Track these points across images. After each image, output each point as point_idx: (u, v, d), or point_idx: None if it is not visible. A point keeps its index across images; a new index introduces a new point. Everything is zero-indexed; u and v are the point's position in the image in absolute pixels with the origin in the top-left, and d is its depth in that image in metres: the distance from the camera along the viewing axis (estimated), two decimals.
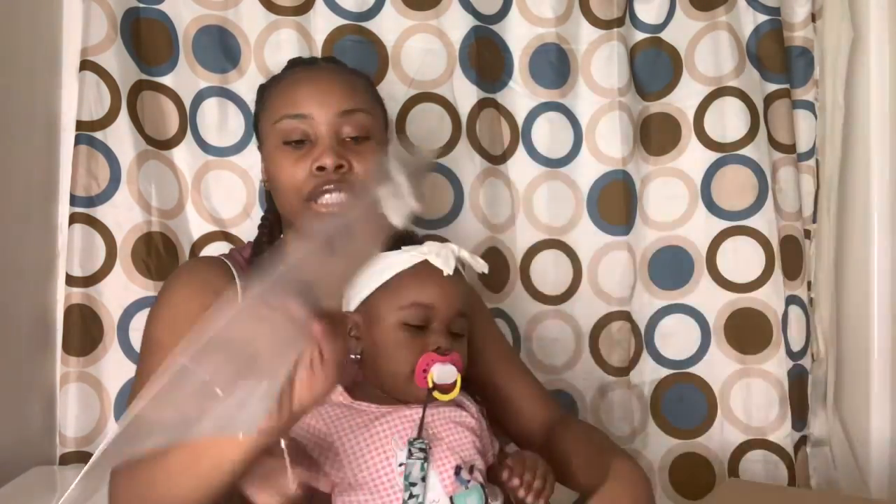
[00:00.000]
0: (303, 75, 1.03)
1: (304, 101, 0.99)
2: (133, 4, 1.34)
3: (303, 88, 1.01)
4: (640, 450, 1.49)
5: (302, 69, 1.05)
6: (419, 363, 0.87)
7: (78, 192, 1.29)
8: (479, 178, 1.44)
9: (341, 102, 0.99)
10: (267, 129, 1.02)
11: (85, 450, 1.28)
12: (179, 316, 0.95)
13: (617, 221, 1.48)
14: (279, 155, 1.00)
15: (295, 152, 0.99)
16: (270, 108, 1.02)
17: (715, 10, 1.49)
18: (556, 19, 1.46)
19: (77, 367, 1.27)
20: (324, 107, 0.99)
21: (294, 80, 1.02)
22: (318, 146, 0.98)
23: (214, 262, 1.04)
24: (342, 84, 1.02)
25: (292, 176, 0.98)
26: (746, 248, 1.48)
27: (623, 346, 1.48)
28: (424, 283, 0.90)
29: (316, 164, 0.97)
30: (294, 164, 0.98)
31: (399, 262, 0.91)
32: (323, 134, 0.98)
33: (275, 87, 1.04)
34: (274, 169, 1.01)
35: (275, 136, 1.00)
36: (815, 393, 1.53)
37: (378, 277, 0.92)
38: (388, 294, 0.91)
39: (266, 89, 1.07)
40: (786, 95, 1.51)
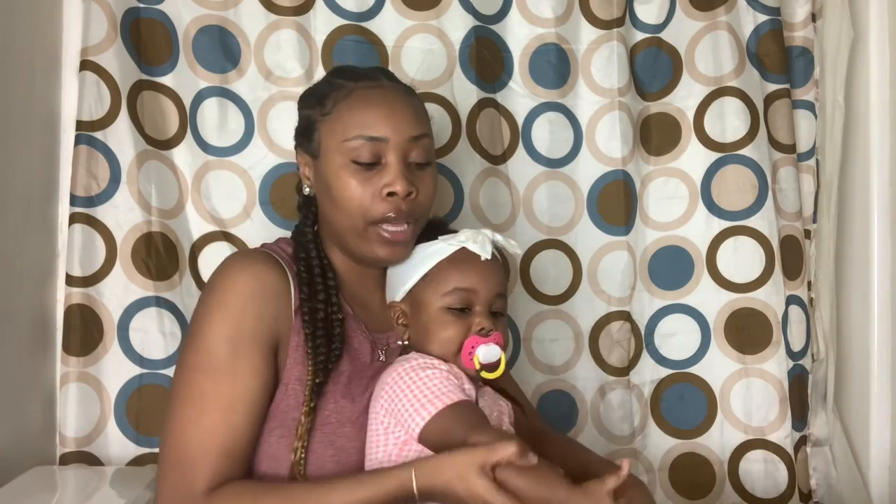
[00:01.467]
0: (375, 94, 1.00)
1: (380, 123, 0.98)
2: (133, 4, 1.34)
3: (377, 109, 0.99)
4: (640, 450, 1.49)
5: (370, 85, 1.01)
6: (465, 346, 0.95)
7: (78, 192, 1.29)
8: (479, 178, 1.44)
9: (413, 127, 1.00)
10: (332, 142, 0.99)
11: (85, 450, 1.28)
12: (242, 331, 0.92)
13: (617, 221, 1.48)
14: (346, 173, 0.98)
15: (364, 173, 0.98)
16: (338, 122, 0.99)
17: (715, 10, 1.49)
18: (555, 19, 1.46)
19: (77, 367, 1.27)
20: (398, 131, 0.98)
21: (366, 98, 1.00)
22: (389, 170, 0.97)
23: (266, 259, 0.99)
24: (414, 108, 1.02)
25: (361, 197, 0.97)
26: (746, 248, 1.48)
27: (623, 346, 1.48)
28: (464, 269, 0.98)
29: (388, 190, 0.97)
30: (362, 185, 0.97)
31: (439, 251, 0.99)
32: (394, 158, 0.98)
33: (343, 99, 1.00)
34: (339, 185, 0.98)
35: (343, 153, 0.98)
36: (815, 393, 1.53)
37: (421, 267, 0.99)
38: (431, 282, 0.98)
39: (327, 99, 1.01)
40: (786, 95, 1.51)
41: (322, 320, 0.97)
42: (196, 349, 0.93)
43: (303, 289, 0.98)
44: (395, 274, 1.03)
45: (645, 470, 1.49)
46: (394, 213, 0.97)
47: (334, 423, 0.96)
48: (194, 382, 0.91)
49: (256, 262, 0.98)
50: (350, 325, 1.02)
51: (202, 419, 0.90)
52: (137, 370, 1.30)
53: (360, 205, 0.97)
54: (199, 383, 0.91)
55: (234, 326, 0.92)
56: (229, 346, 0.91)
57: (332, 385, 0.97)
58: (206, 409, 0.90)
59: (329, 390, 0.96)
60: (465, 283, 0.97)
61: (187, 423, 0.90)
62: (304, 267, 1.00)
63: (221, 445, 0.89)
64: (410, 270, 1.00)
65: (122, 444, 1.29)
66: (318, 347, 0.95)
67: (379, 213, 0.97)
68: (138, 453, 1.29)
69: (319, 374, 0.94)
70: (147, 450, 1.29)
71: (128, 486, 1.14)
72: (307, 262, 1.00)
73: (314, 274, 1.00)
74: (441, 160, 1.43)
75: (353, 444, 0.96)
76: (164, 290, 1.31)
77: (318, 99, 1.02)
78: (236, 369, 0.91)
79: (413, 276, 1.00)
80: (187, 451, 0.89)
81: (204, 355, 0.92)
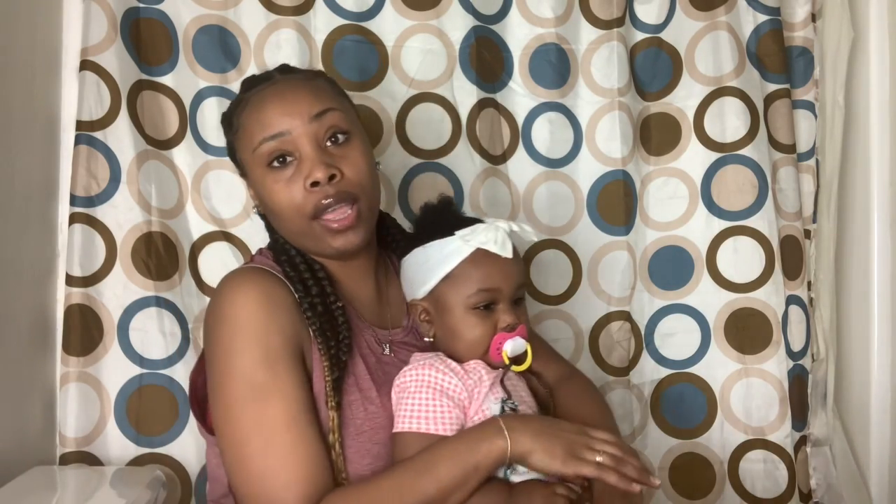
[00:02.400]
0: (266, 92, 0.99)
1: (276, 118, 0.95)
2: (133, 4, 1.34)
3: (270, 106, 0.97)
4: (640, 450, 1.49)
5: (262, 87, 1.00)
6: (492, 344, 0.96)
7: (78, 192, 1.29)
8: (479, 178, 1.44)
9: (310, 107, 0.96)
10: (247, 157, 0.98)
11: (85, 450, 1.28)
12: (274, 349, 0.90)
13: (617, 221, 1.48)
14: (268, 180, 0.96)
15: (283, 172, 0.95)
16: (244, 135, 0.98)
17: (715, 10, 1.49)
18: (555, 19, 1.46)
19: (77, 367, 1.27)
20: (295, 117, 0.95)
21: (260, 100, 0.98)
22: (305, 161, 0.95)
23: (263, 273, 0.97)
24: (305, 89, 0.98)
25: (290, 198, 0.95)
26: (746, 248, 1.48)
27: (623, 346, 1.48)
28: (486, 269, 0.97)
29: (309, 181, 0.94)
30: (287, 186, 0.95)
31: (457, 250, 0.97)
32: (305, 146, 0.95)
33: (241, 113, 0.99)
34: (267, 194, 0.97)
35: (258, 163, 0.97)
36: (815, 393, 1.53)
37: (441, 268, 0.97)
38: (454, 283, 0.97)
39: (231, 118, 1.02)
40: (786, 95, 1.51)
41: (323, 314, 0.95)
42: (235, 381, 0.90)
43: (297, 287, 0.96)
44: (413, 271, 1.01)
45: None
46: (324, 199, 0.94)
47: (368, 430, 0.94)
48: (246, 415, 0.88)
49: (259, 278, 0.96)
50: (353, 321, 1.01)
51: (273, 445, 0.87)
52: (137, 370, 1.30)
53: (291, 205, 0.95)
54: (252, 414, 0.88)
55: (263, 347, 0.90)
56: (266, 368, 0.89)
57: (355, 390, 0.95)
58: (273, 435, 0.87)
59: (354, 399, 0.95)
60: (489, 283, 0.96)
61: (264, 453, 0.87)
62: (289, 266, 0.98)
63: (303, 462, 0.87)
64: (431, 270, 0.98)
65: (122, 444, 1.29)
66: (328, 341, 0.93)
67: (311, 206, 0.94)
68: (138, 453, 1.29)
69: (334, 368, 0.93)
70: (147, 450, 1.29)
71: (128, 486, 1.14)
72: (290, 262, 0.99)
73: (300, 270, 0.98)
74: (441, 160, 1.43)
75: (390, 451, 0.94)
76: (164, 290, 1.31)
77: (227, 120, 1.03)
78: (281, 387, 0.89)
79: (434, 276, 0.98)
80: (271, 482, 0.86)
81: (244, 385, 0.89)
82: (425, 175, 1.43)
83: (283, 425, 0.88)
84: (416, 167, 1.43)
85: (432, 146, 1.43)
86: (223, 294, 0.95)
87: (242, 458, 0.88)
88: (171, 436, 1.29)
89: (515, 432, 0.86)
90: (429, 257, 0.99)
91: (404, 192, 1.43)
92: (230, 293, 0.94)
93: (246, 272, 0.98)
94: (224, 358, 0.91)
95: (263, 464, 0.87)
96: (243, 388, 0.89)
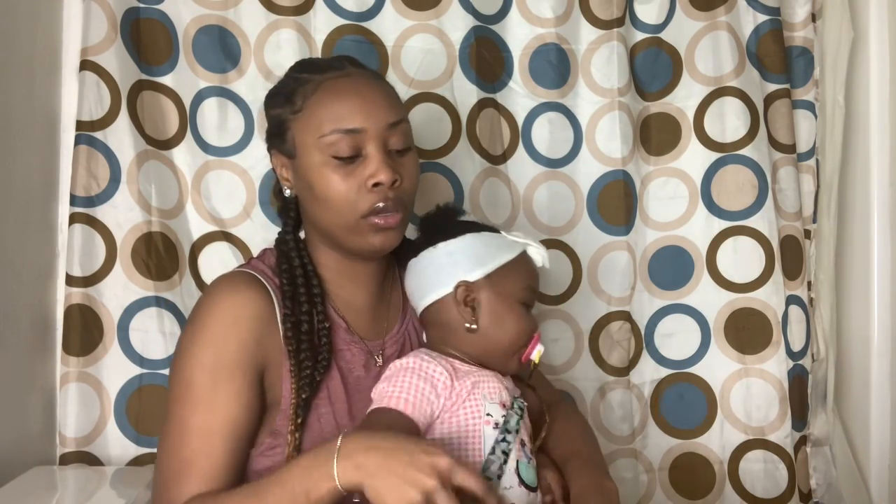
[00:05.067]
0: (344, 84, 0.97)
1: (355, 114, 0.95)
2: (133, 4, 1.34)
3: (350, 100, 0.95)
4: (640, 450, 1.49)
5: (337, 76, 0.98)
6: (532, 341, 0.98)
7: (78, 192, 1.29)
8: (479, 178, 1.44)
9: (389, 114, 0.97)
10: (307, 140, 0.96)
11: (85, 450, 1.28)
12: (224, 359, 0.91)
13: (617, 221, 1.48)
14: (328, 170, 0.95)
15: (346, 167, 0.94)
16: (311, 118, 0.96)
17: (715, 10, 1.49)
18: (555, 19, 1.46)
19: (77, 367, 1.27)
20: (374, 120, 0.95)
21: (337, 90, 0.96)
22: (371, 161, 0.94)
23: (249, 282, 0.97)
24: (386, 93, 0.99)
25: (346, 192, 0.94)
26: (746, 248, 1.48)
27: (623, 346, 1.48)
28: (533, 270, 1.01)
29: (373, 181, 0.94)
30: (346, 179, 0.94)
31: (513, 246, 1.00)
32: (374, 148, 0.95)
33: (312, 94, 0.97)
34: (322, 183, 0.95)
35: (321, 150, 0.95)
36: (815, 393, 1.53)
37: (504, 254, 0.98)
38: (513, 271, 0.98)
39: (295, 95, 0.98)
40: (786, 95, 1.51)
41: (307, 332, 0.95)
42: (178, 379, 0.93)
43: (286, 303, 0.96)
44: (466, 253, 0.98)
45: (645, 470, 1.49)
46: (382, 202, 0.94)
47: None
48: (175, 413, 0.91)
49: (238, 288, 0.96)
50: (341, 336, 1.00)
51: (182, 449, 0.89)
52: (137, 370, 1.30)
53: (347, 200, 0.94)
54: (179, 413, 0.91)
55: (214, 354, 0.91)
56: (209, 375, 0.90)
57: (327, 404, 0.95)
58: (184, 440, 0.90)
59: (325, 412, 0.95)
60: (534, 282, 1.00)
61: (169, 452, 0.90)
62: (287, 279, 0.98)
63: (200, 474, 0.88)
64: (492, 254, 0.98)
65: (122, 444, 1.29)
66: (302, 362, 0.93)
67: (367, 205, 0.94)
68: (138, 453, 1.29)
69: (305, 388, 0.93)
70: (147, 450, 1.29)
71: (128, 486, 1.14)
72: (290, 273, 0.98)
73: (297, 285, 0.97)
74: (441, 160, 1.43)
75: None
76: (164, 290, 1.31)
77: (287, 97, 0.99)
78: (216, 398, 0.90)
79: (497, 259, 0.97)
80: (168, 479, 0.89)
81: (184, 385, 0.92)
82: (425, 175, 1.43)
83: (200, 434, 0.89)
84: None
85: (432, 146, 1.43)
86: (202, 296, 0.98)
87: (161, 449, 0.92)
88: None
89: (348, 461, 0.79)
90: (488, 242, 0.99)
91: None
92: (206, 297, 0.97)
93: (230, 279, 0.99)
94: (179, 355, 0.94)
95: (170, 462, 0.90)
96: (183, 387, 0.92)
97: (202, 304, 0.96)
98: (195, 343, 0.93)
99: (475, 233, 0.99)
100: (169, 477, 0.89)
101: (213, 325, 0.93)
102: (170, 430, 0.92)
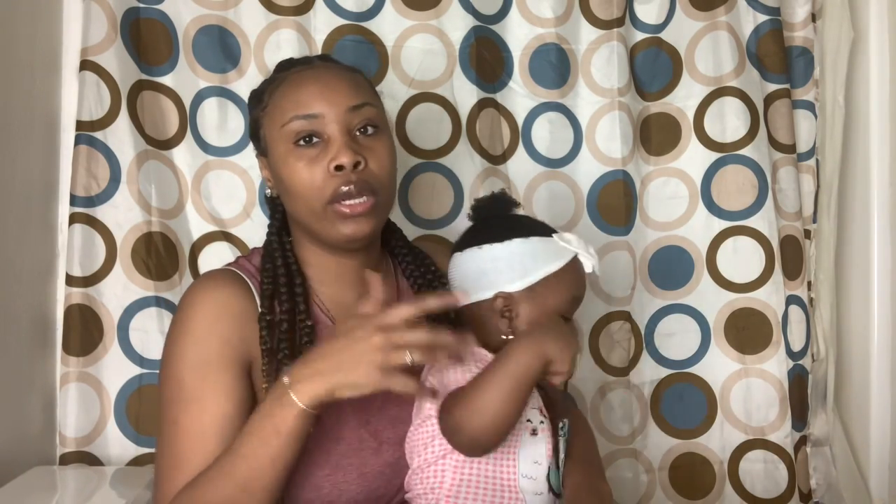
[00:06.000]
0: (306, 74, 0.99)
1: (313, 100, 0.95)
2: (133, 4, 1.34)
3: (308, 87, 0.96)
4: (640, 450, 1.49)
5: (301, 69, 1.01)
6: None
7: (78, 192, 1.29)
8: (479, 178, 1.44)
9: (349, 98, 0.96)
10: (273, 133, 0.97)
11: (85, 450, 1.28)
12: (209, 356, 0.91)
13: (617, 221, 1.48)
14: (292, 158, 0.95)
15: (308, 153, 0.94)
16: (275, 111, 0.97)
17: (715, 10, 1.49)
18: (555, 19, 1.46)
19: (77, 367, 1.27)
20: (333, 104, 0.95)
21: (298, 81, 0.98)
22: (332, 145, 0.94)
23: (232, 280, 0.98)
24: (347, 80, 0.98)
25: (310, 178, 0.93)
26: (746, 248, 1.48)
27: (623, 346, 1.48)
28: (581, 279, 0.96)
29: (333, 164, 0.92)
30: (309, 166, 0.94)
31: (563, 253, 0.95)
32: (335, 132, 0.94)
33: (276, 89, 0.99)
34: (288, 172, 0.95)
35: (284, 139, 0.95)
36: (815, 393, 1.53)
37: (551, 264, 0.94)
38: (558, 283, 0.94)
39: (264, 94, 1.01)
40: (786, 95, 1.51)
41: (286, 331, 0.94)
42: (166, 379, 0.93)
43: (264, 302, 0.95)
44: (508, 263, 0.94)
45: (645, 470, 1.49)
46: (345, 186, 0.92)
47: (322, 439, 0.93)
48: (167, 413, 0.92)
49: (219, 285, 0.96)
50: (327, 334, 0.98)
51: (176, 449, 0.90)
52: (137, 370, 1.30)
53: (311, 186, 0.93)
54: (171, 413, 0.91)
55: (200, 352, 0.91)
56: (196, 373, 0.91)
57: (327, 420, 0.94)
58: (178, 439, 0.90)
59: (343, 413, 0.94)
60: (580, 292, 0.96)
61: (164, 453, 0.91)
62: (269, 278, 0.97)
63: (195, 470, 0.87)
64: (536, 264, 0.93)
65: (122, 444, 1.29)
66: (280, 361, 0.93)
67: (331, 190, 0.93)
68: (138, 453, 1.29)
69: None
70: (147, 450, 1.29)
71: (128, 486, 1.14)
72: (273, 273, 0.98)
73: (279, 284, 0.97)
74: (441, 160, 1.43)
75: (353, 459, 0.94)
76: (164, 290, 1.31)
77: (257, 96, 1.02)
78: (205, 395, 0.90)
79: (540, 271, 0.93)
80: (165, 479, 0.89)
81: (173, 384, 0.92)
82: (425, 175, 1.43)
83: (193, 433, 0.89)
84: (416, 167, 1.43)
85: (432, 146, 1.43)
86: (184, 296, 0.97)
87: (157, 449, 0.93)
88: None
89: (301, 381, 0.82)
90: (535, 251, 0.94)
91: (404, 192, 1.43)
92: (188, 296, 0.96)
93: (212, 277, 0.99)
94: (166, 357, 0.94)
95: (165, 462, 0.91)
96: (172, 386, 0.92)
97: (184, 303, 0.96)
98: (179, 342, 0.93)
99: (524, 238, 0.95)
100: (165, 476, 0.90)
101: (195, 324, 0.93)
102: (164, 430, 0.92)
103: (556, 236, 0.96)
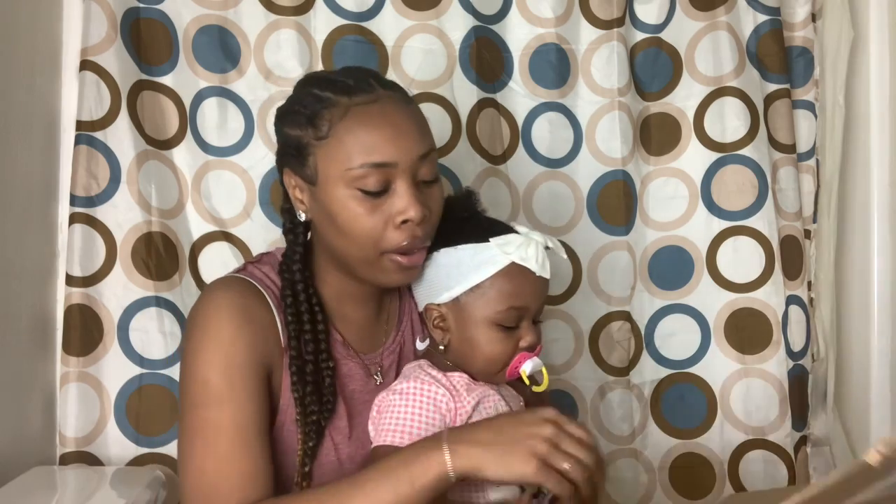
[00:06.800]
0: (374, 112, 0.89)
1: (387, 146, 0.88)
2: (133, 4, 1.34)
3: (381, 131, 0.88)
4: (641, 450, 1.49)
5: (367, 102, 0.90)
6: (512, 363, 0.92)
7: (78, 192, 1.29)
8: (479, 177, 1.44)
9: (419, 144, 0.90)
10: (332, 171, 0.89)
11: (85, 450, 1.28)
12: (237, 359, 0.89)
13: (617, 221, 1.48)
14: (354, 203, 0.89)
15: (372, 201, 0.89)
16: (338, 148, 0.89)
17: (715, 10, 1.49)
18: (555, 19, 1.46)
19: (77, 367, 1.27)
20: (405, 151, 0.89)
21: (366, 119, 0.89)
22: (401, 196, 0.88)
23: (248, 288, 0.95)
24: (415, 121, 0.92)
25: (372, 227, 0.89)
26: (746, 248, 1.48)
27: (623, 346, 1.48)
28: (520, 286, 0.91)
29: (402, 218, 0.88)
30: (372, 214, 0.89)
31: (492, 260, 0.91)
32: (404, 183, 0.89)
33: (340, 122, 0.89)
34: (346, 217, 0.89)
35: (348, 183, 0.89)
36: (815, 393, 1.53)
37: (472, 276, 0.91)
38: (483, 296, 0.91)
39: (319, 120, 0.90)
40: (786, 95, 1.51)
41: (312, 373, 0.93)
42: (193, 383, 0.90)
43: (291, 343, 0.94)
44: (437, 274, 0.94)
45: (645, 470, 1.49)
46: (409, 240, 0.89)
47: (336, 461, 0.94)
48: (199, 416, 0.89)
49: (239, 293, 0.93)
50: (338, 350, 0.99)
51: (217, 448, 0.87)
52: (137, 370, 1.30)
53: (372, 235, 0.89)
54: (204, 416, 0.88)
55: (226, 355, 0.89)
56: (224, 376, 0.89)
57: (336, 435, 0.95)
58: (218, 438, 0.87)
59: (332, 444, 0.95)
60: (520, 301, 0.91)
61: (202, 455, 0.87)
62: (293, 315, 0.94)
63: (241, 470, 0.86)
64: (460, 275, 0.92)
65: (122, 444, 1.29)
66: (307, 407, 0.92)
67: (394, 243, 0.89)
68: (138, 453, 1.29)
69: (312, 435, 0.92)
70: (147, 450, 1.29)
71: (128, 486, 1.14)
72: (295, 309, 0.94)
73: (303, 322, 0.94)
74: (441, 160, 1.43)
75: None
76: (164, 290, 1.31)
77: (309, 119, 0.90)
78: (235, 396, 0.89)
79: (462, 283, 0.91)
80: (208, 481, 0.86)
81: (202, 388, 0.89)
82: None
83: (232, 430, 0.87)
84: None
85: None
86: (202, 299, 0.94)
87: (189, 457, 0.89)
88: (171, 436, 1.29)
89: (459, 444, 0.79)
90: (460, 262, 0.92)
91: None
92: (208, 301, 0.93)
93: (229, 284, 0.96)
94: (189, 361, 0.92)
95: (206, 464, 0.87)
96: (199, 391, 0.89)
97: (205, 309, 0.93)
98: (203, 348, 0.90)
99: (453, 246, 0.93)
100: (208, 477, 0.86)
101: (220, 329, 0.90)
102: (197, 433, 0.88)
103: (494, 241, 0.91)
